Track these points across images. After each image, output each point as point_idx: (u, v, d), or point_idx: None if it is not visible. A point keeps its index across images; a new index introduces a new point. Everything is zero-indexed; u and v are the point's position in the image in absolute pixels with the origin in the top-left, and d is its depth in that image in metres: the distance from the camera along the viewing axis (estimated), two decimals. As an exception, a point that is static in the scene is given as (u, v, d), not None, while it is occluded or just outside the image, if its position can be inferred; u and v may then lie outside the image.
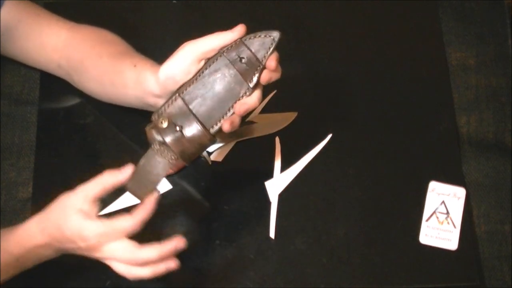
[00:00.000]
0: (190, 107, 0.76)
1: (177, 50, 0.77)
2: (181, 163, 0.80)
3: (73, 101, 0.96)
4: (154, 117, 0.77)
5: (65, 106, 0.97)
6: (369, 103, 0.98)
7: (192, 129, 0.76)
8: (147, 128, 0.77)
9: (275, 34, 0.75)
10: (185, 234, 0.90)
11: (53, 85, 0.95)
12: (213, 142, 0.78)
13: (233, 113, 0.76)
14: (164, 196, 0.92)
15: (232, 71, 0.75)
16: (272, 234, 0.90)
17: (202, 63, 0.76)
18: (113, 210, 0.90)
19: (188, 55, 0.76)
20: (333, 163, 0.94)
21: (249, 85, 0.75)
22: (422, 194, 0.93)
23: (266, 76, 0.75)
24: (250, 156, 0.94)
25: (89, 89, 0.90)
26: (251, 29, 1.01)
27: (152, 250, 0.74)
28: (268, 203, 0.92)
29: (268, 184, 0.93)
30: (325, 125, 0.96)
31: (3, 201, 0.93)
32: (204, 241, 0.90)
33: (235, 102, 0.76)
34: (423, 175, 0.93)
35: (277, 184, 0.93)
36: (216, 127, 0.76)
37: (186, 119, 0.76)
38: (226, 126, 0.76)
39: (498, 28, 1.02)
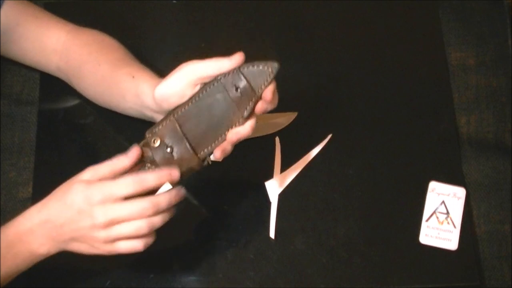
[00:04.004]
0: (183, 129, 0.77)
1: (175, 70, 0.77)
2: None
3: (73, 101, 0.96)
4: (148, 135, 0.78)
5: (65, 106, 0.97)
6: (369, 103, 0.98)
7: (181, 151, 0.77)
8: (140, 145, 0.78)
9: (274, 66, 0.74)
10: (185, 234, 0.91)
11: (53, 85, 0.95)
12: (201, 166, 0.78)
13: (225, 139, 0.77)
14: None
15: (227, 99, 0.75)
16: (272, 234, 0.90)
17: (198, 87, 0.76)
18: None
19: (185, 79, 0.75)
20: (333, 163, 0.94)
21: (243, 114, 0.75)
22: (422, 194, 0.93)
23: (262, 107, 0.76)
24: (250, 156, 0.94)
25: (88, 94, 0.90)
26: (251, 29, 1.02)
27: (150, 175, 0.74)
28: (268, 203, 0.92)
29: (268, 184, 0.93)
30: (325, 125, 0.96)
31: (3, 201, 0.93)
32: (204, 241, 0.90)
33: (228, 130, 0.76)
34: (423, 175, 0.93)
35: (277, 184, 0.93)
36: (206, 151, 0.77)
37: (177, 140, 0.77)
38: (217, 154, 0.77)
39: (498, 28, 1.02)
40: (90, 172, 0.75)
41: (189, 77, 0.75)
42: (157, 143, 0.77)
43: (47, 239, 0.75)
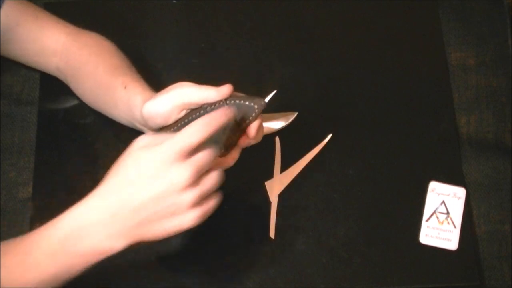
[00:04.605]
0: None
1: (164, 90, 0.76)
2: None
3: (73, 101, 0.96)
4: None
5: (65, 106, 0.97)
6: (369, 103, 0.98)
7: None
8: None
9: (260, 103, 0.74)
10: (185, 235, 0.91)
11: (53, 85, 0.95)
12: None
13: None
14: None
15: None
16: (272, 234, 0.90)
17: (184, 112, 0.76)
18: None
19: (171, 102, 0.75)
20: (333, 163, 0.94)
21: (225, 146, 0.75)
22: (422, 194, 0.93)
23: (245, 142, 0.76)
24: (250, 156, 0.94)
25: (84, 96, 0.91)
26: (251, 29, 1.02)
27: (215, 113, 0.69)
28: (268, 203, 0.92)
29: (268, 184, 0.93)
30: (325, 125, 0.96)
31: (3, 201, 0.93)
32: (204, 241, 0.90)
33: None
34: (423, 175, 0.93)
35: (277, 184, 0.93)
36: None
37: None
38: None
39: (498, 28, 1.02)
40: (145, 139, 0.68)
41: (175, 101, 0.75)
42: None
43: (117, 229, 0.66)
